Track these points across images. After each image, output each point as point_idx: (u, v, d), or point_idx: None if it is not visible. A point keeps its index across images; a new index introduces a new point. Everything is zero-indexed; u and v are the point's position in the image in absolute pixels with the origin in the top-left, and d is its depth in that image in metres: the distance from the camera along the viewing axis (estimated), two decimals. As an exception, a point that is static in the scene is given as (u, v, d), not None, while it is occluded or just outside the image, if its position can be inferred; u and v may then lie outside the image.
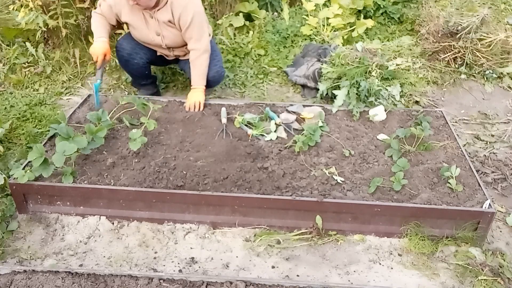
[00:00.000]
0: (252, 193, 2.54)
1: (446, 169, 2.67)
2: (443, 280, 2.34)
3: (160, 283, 2.08)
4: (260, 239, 2.50)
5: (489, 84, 3.89)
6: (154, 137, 2.91)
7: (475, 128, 3.53)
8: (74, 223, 2.59)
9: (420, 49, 4.08)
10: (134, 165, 2.69)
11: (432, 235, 2.51)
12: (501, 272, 2.34)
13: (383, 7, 4.56)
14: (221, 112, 3.14)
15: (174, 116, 3.14)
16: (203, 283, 2.09)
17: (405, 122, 3.19)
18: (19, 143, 3.19)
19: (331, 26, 4.27)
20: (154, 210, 2.58)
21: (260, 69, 4.13)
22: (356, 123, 3.16)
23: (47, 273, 2.11)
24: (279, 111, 3.21)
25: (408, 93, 3.67)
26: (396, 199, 2.54)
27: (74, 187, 2.54)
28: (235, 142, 2.88)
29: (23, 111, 3.48)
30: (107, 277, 2.11)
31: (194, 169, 2.64)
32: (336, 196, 2.53)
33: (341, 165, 2.76)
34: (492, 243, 2.56)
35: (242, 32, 4.48)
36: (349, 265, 2.40)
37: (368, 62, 3.35)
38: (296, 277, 2.33)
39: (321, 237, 2.53)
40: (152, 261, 2.39)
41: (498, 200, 2.87)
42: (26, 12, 3.65)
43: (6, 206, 2.63)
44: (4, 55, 4.02)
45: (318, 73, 3.60)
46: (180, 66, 3.63)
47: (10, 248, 2.44)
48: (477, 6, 4.05)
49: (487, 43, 3.80)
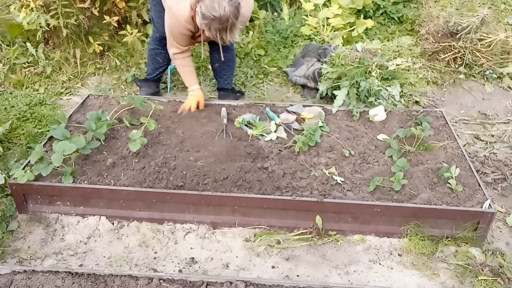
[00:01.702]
0: (252, 193, 2.54)
1: (446, 169, 2.67)
2: (443, 280, 2.34)
3: (160, 283, 2.08)
4: (260, 239, 2.50)
5: (489, 84, 3.89)
6: (154, 137, 2.91)
7: (475, 128, 3.53)
8: (74, 223, 2.59)
9: (420, 49, 4.08)
10: (134, 165, 2.69)
11: (432, 235, 2.51)
12: (501, 272, 2.34)
13: (383, 7, 4.56)
14: (221, 112, 3.14)
15: (174, 116, 3.15)
16: (203, 283, 2.10)
17: (405, 122, 3.19)
18: (19, 143, 3.19)
19: (331, 26, 4.27)
20: (154, 210, 2.58)
21: (260, 69, 4.14)
22: (356, 123, 3.16)
23: (47, 273, 2.11)
24: (279, 111, 3.21)
25: (408, 93, 3.68)
26: (396, 199, 2.54)
27: (74, 187, 2.54)
28: (235, 142, 2.88)
29: (23, 111, 3.48)
30: (107, 277, 2.11)
31: (194, 169, 2.64)
32: (336, 196, 2.53)
33: (341, 165, 2.76)
34: (492, 243, 2.56)
35: (242, 32, 4.48)
36: (349, 265, 2.40)
37: (368, 62, 3.35)
38: (296, 277, 2.33)
39: (321, 237, 2.53)
40: (152, 261, 2.39)
41: (498, 200, 2.87)
42: (27, 13, 3.65)
43: (6, 206, 2.63)
44: (4, 55, 4.02)
45: (318, 73, 3.60)
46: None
47: (10, 248, 2.44)
48: (477, 6, 4.05)
49: (487, 43, 3.80)
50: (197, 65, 4.14)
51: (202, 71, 4.11)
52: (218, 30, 2.64)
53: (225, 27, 2.63)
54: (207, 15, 2.60)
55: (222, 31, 2.65)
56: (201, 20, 2.66)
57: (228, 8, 2.56)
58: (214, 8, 2.56)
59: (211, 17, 2.59)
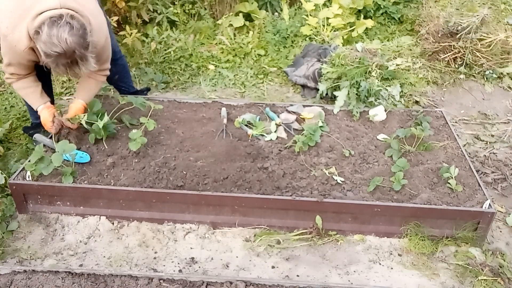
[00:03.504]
0: (252, 193, 2.54)
1: (446, 169, 2.67)
2: (443, 280, 2.34)
3: (160, 283, 2.08)
4: (260, 239, 2.50)
5: (489, 84, 3.89)
6: (154, 137, 2.91)
7: (475, 128, 3.53)
8: (74, 223, 2.59)
9: (420, 49, 4.08)
10: (134, 165, 2.69)
11: (432, 235, 2.51)
12: (501, 272, 2.34)
13: (383, 7, 4.56)
14: (221, 112, 3.14)
15: (174, 116, 3.15)
16: (203, 283, 2.10)
17: (405, 122, 3.19)
18: (19, 143, 3.19)
19: (331, 26, 4.27)
20: (154, 210, 2.58)
21: (260, 69, 4.14)
22: (356, 123, 3.16)
23: (47, 273, 2.11)
24: (279, 111, 3.21)
25: (408, 93, 3.67)
26: (396, 199, 2.54)
27: (74, 187, 2.54)
28: (235, 142, 2.88)
29: (23, 111, 3.48)
30: (107, 277, 2.11)
31: (194, 169, 2.64)
32: (336, 196, 2.53)
33: (341, 165, 2.76)
34: (492, 243, 2.56)
35: (242, 32, 4.48)
36: (349, 265, 2.40)
37: (368, 62, 3.35)
38: (296, 277, 2.33)
39: (321, 237, 2.53)
40: (152, 261, 2.39)
41: (498, 200, 2.87)
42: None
43: (6, 206, 2.63)
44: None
45: (318, 73, 3.60)
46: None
47: (10, 248, 2.44)
48: (477, 6, 4.04)
49: (487, 43, 3.80)
50: (197, 65, 4.15)
51: (202, 71, 4.11)
52: (67, 65, 2.28)
53: (74, 61, 2.27)
54: (49, 53, 2.22)
55: (72, 65, 2.29)
56: (45, 58, 2.27)
57: (71, 39, 2.20)
58: (54, 44, 2.19)
59: (55, 54, 2.21)
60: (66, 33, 2.19)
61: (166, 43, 4.24)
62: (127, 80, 3.47)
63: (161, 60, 4.14)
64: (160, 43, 4.22)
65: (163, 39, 4.24)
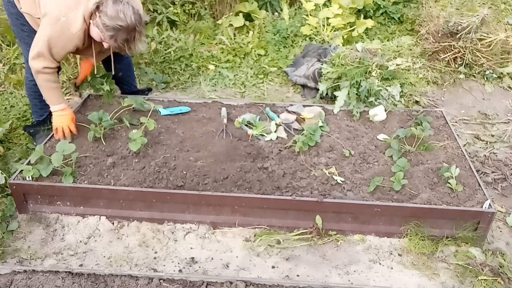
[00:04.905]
0: (252, 193, 2.54)
1: (446, 169, 2.67)
2: (443, 280, 2.34)
3: (160, 283, 2.08)
4: (260, 239, 2.50)
5: (489, 84, 3.89)
6: (154, 137, 2.91)
7: (475, 128, 3.53)
8: (74, 223, 2.59)
9: (420, 49, 4.09)
10: (134, 165, 2.69)
11: (432, 235, 2.51)
12: (501, 272, 2.34)
13: (383, 7, 4.56)
14: (221, 112, 3.14)
15: (174, 116, 3.15)
16: (203, 283, 2.10)
17: (405, 122, 3.19)
18: (19, 143, 3.19)
19: (331, 26, 4.28)
20: (154, 210, 2.58)
21: (260, 69, 4.14)
22: (356, 123, 3.16)
23: (47, 273, 2.11)
24: (279, 111, 3.21)
25: (408, 93, 3.68)
26: (396, 199, 2.54)
27: (74, 187, 2.54)
28: (235, 142, 2.88)
29: (23, 111, 3.49)
30: (107, 277, 2.11)
31: (194, 169, 2.64)
32: (336, 196, 2.53)
33: (341, 165, 2.76)
34: (492, 243, 2.56)
35: (242, 32, 4.48)
36: (349, 265, 2.40)
37: (368, 62, 3.35)
38: (296, 277, 2.33)
39: (321, 237, 2.53)
40: (152, 261, 2.39)
41: (498, 200, 2.87)
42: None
43: (6, 206, 2.63)
44: (4, 55, 4.02)
45: (318, 73, 3.60)
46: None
47: (10, 248, 2.44)
48: (477, 6, 4.05)
49: (487, 43, 3.80)
50: (197, 65, 4.15)
51: (202, 71, 4.12)
52: (125, 40, 2.50)
53: (132, 37, 2.51)
54: (113, 26, 2.43)
55: (130, 41, 2.52)
56: (105, 32, 2.46)
57: (134, 17, 2.46)
58: (120, 18, 2.42)
59: (118, 28, 2.44)
60: (130, 11, 2.45)
61: (166, 43, 4.24)
62: (130, 79, 3.48)
63: (161, 60, 4.14)
64: (160, 43, 4.22)
65: (163, 39, 4.24)
